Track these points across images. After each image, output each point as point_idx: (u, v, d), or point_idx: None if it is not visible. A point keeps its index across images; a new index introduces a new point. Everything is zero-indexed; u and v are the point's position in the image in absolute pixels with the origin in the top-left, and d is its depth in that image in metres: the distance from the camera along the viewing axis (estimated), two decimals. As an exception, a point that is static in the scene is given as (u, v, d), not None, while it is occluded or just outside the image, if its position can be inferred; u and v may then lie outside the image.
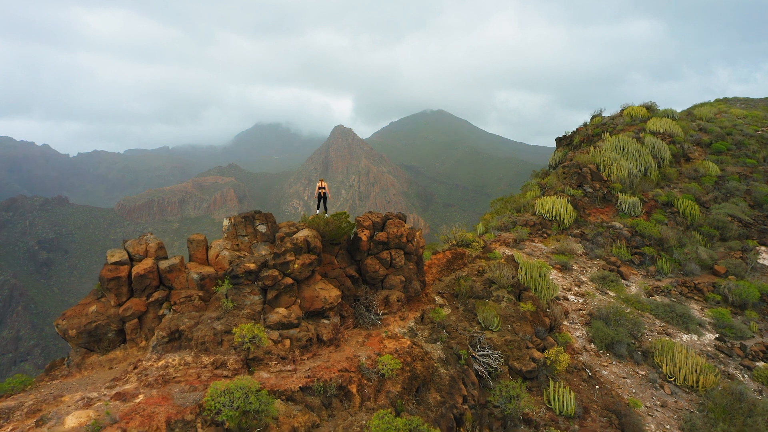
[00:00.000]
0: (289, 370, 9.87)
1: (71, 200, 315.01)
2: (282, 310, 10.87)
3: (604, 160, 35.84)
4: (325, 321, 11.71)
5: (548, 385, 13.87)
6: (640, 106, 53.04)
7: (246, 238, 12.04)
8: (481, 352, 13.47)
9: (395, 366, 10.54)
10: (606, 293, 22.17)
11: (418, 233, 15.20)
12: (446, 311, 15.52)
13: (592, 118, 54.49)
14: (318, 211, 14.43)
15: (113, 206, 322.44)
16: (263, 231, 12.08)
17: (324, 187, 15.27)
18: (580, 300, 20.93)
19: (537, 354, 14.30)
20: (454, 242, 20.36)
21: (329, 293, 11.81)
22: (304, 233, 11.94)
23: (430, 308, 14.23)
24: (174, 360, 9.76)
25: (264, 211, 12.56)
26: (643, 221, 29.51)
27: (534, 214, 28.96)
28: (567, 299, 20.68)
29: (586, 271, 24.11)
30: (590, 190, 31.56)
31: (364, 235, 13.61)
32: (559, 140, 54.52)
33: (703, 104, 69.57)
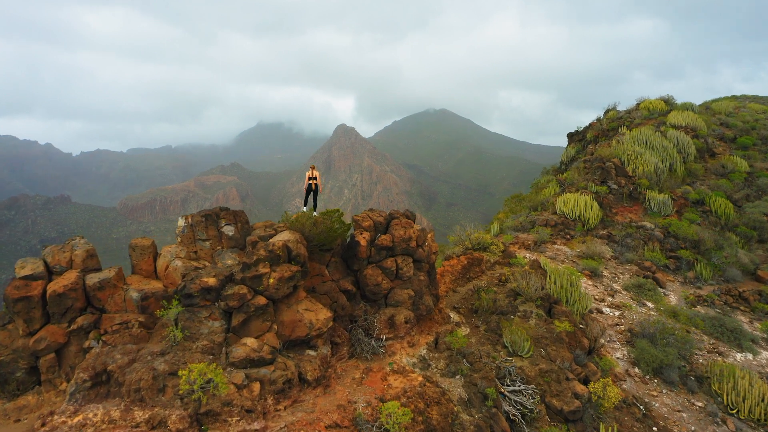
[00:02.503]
0: (257, 430, 7.02)
1: (73, 199, 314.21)
2: (251, 342, 8.01)
3: (627, 154, 32.85)
4: (311, 353, 8.86)
5: (596, 429, 11.01)
6: (658, 99, 50.25)
7: (207, 243, 9.19)
8: (512, 388, 10.60)
9: (404, 419, 7.69)
10: (644, 304, 19.21)
11: (429, 236, 12.33)
12: (464, 331, 12.66)
13: (606, 113, 51.63)
14: (305, 208, 11.56)
15: (115, 205, 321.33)
16: (230, 234, 9.24)
17: (315, 178, 12.29)
18: (616, 313, 17.99)
19: (580, 388, 11.43)
20: (469, 245, 17.50)
21: (317, 315, 8.96)
22: (283, 237, 9.09)
23: (445, 330, 11.34)
24: (96, 414, 6.93)
25: (234, 209, 9.70)
26: (676, 221, 26.51)
27: (555, 212, 26.03)
28: (601, 312, 17.76)
29: (618, 277, 21.16)
30: (615, 186, 28.57)
31: (362, 239, 10.75)
32: (570, 135, 51.64)
33: (720, 99, 66.73)
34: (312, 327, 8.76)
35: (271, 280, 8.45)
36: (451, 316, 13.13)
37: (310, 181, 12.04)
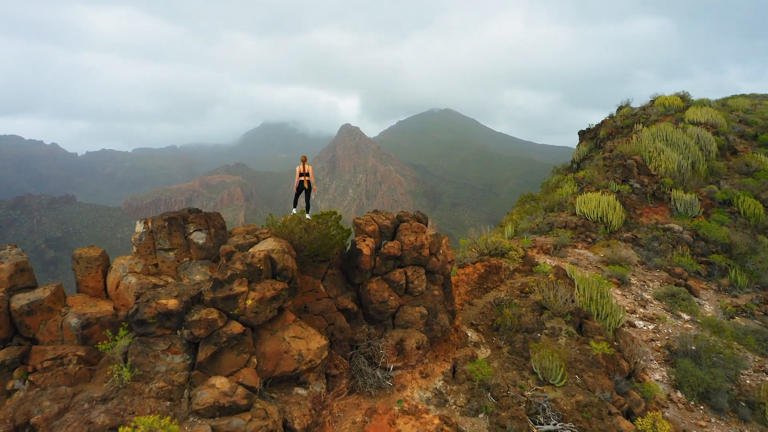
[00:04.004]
0: None
1: (78, 199, 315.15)
2: (221, 382, 6.21)
3: (649, 151, 30.86)
4: (300, 391, 7.05)
5: (646, 476, 9.16)
6: (673, 95, 48.32)
7: (171, 253, 7.39)
8: (547, 427, 8.75)
9: (419, 485, 5.86)
10: (679, 316, 17.26)
11: (444, 241, 10.49)
12: (484, 353, 10.82)
13: (619, 110, 49.70)
14: (295, 210, 9.71)
15: (120, 205, 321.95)
16: (201, 242, 7.43)
17: (307, 174, 10.28)
18: (650, 327, 16.06)
19: (625, 425, 9.56)
20: (485, 251, 15.65)
21: (308, 344, 7.15)
22: (267, 246, 7.28)
23: (464, 356, 9.49)
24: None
25: (206, 211, 7.89)
26: (706, 223, 24.50)
27: (574, 213, 24.13)
28: (633, 326, 15.84)
29: (648, 285, 19.19)
30: (637, 185, 26.55)
31: (366, 247, 8.93)
32: (582, 133, 49.72)
33: (735, 96, 64.83)
34: (302, 359, 6.94)
35: (249, 302, 6.64)
36: (469, 335, 11.28)
37: (302, 178, 10.13)
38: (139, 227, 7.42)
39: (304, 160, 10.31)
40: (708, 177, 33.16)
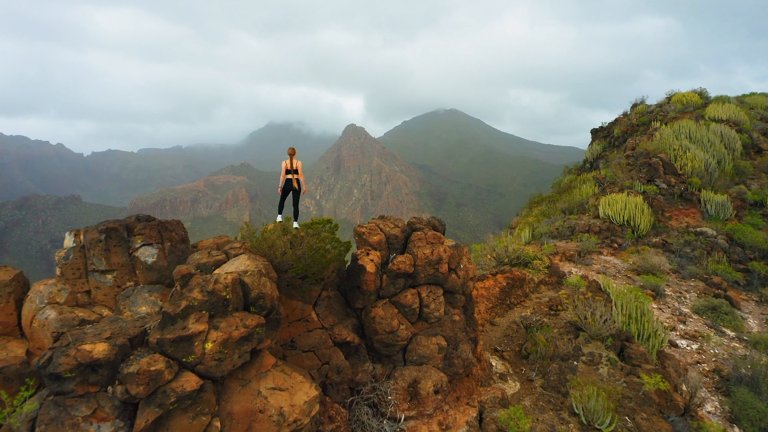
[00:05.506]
0: None
1: (84, 199, 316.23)
2: (165, 463, 4.38)
3: (674, 149, 28.86)
4: (282, 463, 5.20)
5: None
6: (691, 92, 46.35)
7: (110, 276, 5.56)
8: (599, 494, 6.92)
9: None
10: (723, 333, 15.27)
11: (465, 251, 8.65)
12: (512, 387, 8.96)
13: (634, 107, 47.78)
14: (280, 217, 7.83)
15: (126, 205, 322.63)
16: (151, 261, 5.60)
17: (296, 171, 8.27)
18: (693, 346, 14.12)
19: (694, 485, 7.72)
20: (505, 259, 13.77)
21: (292, 397, 5.32)
22: (237, 266, 5.46)
23: (492, 398, 7.63)
24: None
25: (167, 219, 6.08)
26: (741, 226, 22.46)
27: (597, 216, 22.17)
28: (675, 345, 13.90)
29: (684, 297, 17.22)
30: (664, 185, 24.54)
31: (369, 262, 7.09)
32: (595, 132, 47.88)
33: (752, 94, 63.09)
34: (283, 420, 5.11)
35: (210, 345, 4.82)
36: (493, 364, 9.43)
37: (289, 176, 8.22)
38: (68, 241, 5.60)
39: (291, 154, 8.38)
40: (734, 177, 31.18)
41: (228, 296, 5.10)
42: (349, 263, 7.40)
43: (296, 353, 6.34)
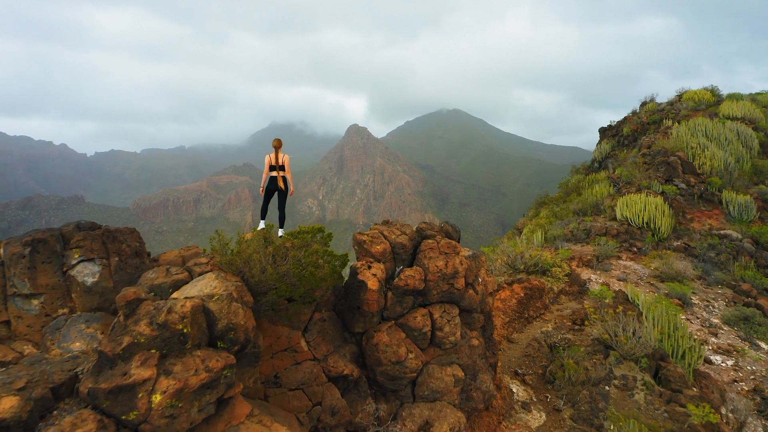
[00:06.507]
0: None
1: (87, 199, 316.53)
2: None
3: (691, 147, 27.55)
4: None
5: None
6: (702, 89, 45.07)
7: (36, 302, 4.33)
8: None
9: None
10: (758, 346, 13.99)
11: (483, 261, 7.42)
12: (537, 419, 7.73)
13: (643, 105, 46.57)
14: (262, 224, 6.53)
15: (128, 205, 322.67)
16: (92, 281, 4.37)
17: (283, 166, 6.87)
18: (729, 362, 12.83)
19: None
20: (521, 266, 12.51)
21: (272, 456, 4.09)
22: (201, 289, 4.24)
23: (519, 438, 6.40)
24: None
25: (114, 226, 4.87)
26: (767, 229, 21.17)
27: (614, 218, 20.90)
28: (709, 362, 12.65)
29: (712, 306, 15.92)
30: (683, 185, 23.22)
31: (371, 278, 5.87)
32: (603, 131, 46.66)
33: (764, 92, 61.90)
34: (258, 491, 3.88)
35: (158, 398, 3.61)
36: (514, 390, 8.21)
37: (273, 173, 6.92)
38: (-17, 257, 4.41)
39: (277, 146, 7.05)
40: (752, 176, 29.91)
41: (186, 330, 3.88)
42: (347, 278, 6.18)
43: (281, 392, 5.12)
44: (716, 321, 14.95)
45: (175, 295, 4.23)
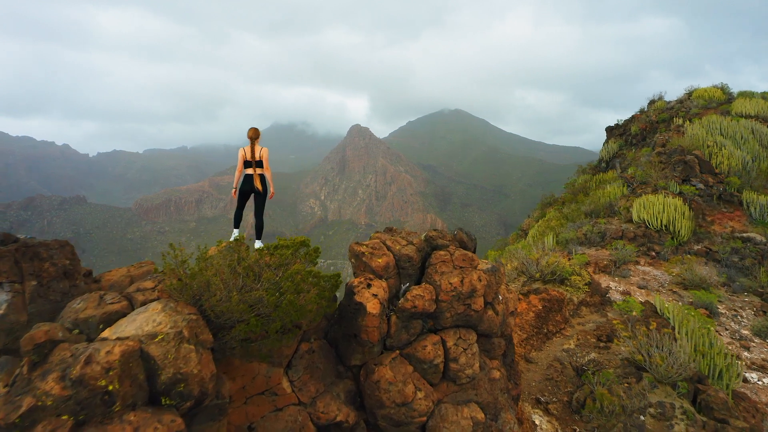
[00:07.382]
0: None
1: (89, 199, 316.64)
2: None
3: (708, 146, 26.36)
4: None
5: None
6: (712, 87, 43.89)
7: None
8: None
9: None
10: (794, 361, 12.85)
11: (502, 271, 6.32)
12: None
13: (651, 103, 45.37)
14: (236, 233, 5.36)
15: (131, 206, 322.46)
16: (-3, 313, 3.29)
17: (261, 162, 5.75)
18: (765, 380, 11.73)
19: None
20: (537, 274, 11.40)
21: None
22: (141, 324, 3.12)
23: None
24: None
25: (39, 239, 3.77)
26: (791, 232, 19.96)
27: (630, 220, 19.75)
28: (744, 380, 11.54)
29: (740, 315, 14.76)
30: (701, 185, 22.03)
31: (371, 300, 4.75)
32: (610, 129, 45.48)
33: (772, 91, 60.92)
34: None
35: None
36: (537, 422, 7.11)
37: (248, 171, 5.70)
38: None
39: (253, 137, 5.86)
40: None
41: (111, 387, 2.78)
42: (342, 298, 5.07)
43: (256, 449, 4.01)
44: (746, 332, 13.78)
45: (105, 333, 3.14)
